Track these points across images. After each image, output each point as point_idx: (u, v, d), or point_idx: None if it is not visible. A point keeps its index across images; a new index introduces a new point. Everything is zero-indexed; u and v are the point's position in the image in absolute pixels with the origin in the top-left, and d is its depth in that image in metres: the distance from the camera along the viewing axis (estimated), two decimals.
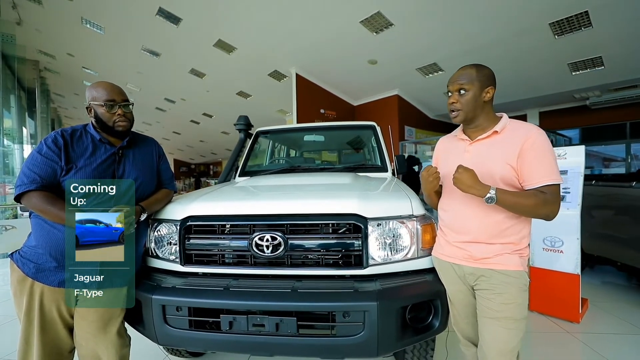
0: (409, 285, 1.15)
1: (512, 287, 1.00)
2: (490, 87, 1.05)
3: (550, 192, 0.95)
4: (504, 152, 1.01)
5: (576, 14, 4.57)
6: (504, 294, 1.00)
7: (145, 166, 1.33)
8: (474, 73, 1.03)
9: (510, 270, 1.00)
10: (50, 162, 1.11)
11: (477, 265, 1.05)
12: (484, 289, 1.04)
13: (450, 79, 1.08)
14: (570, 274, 2.19)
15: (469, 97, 1.04)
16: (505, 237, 1.02)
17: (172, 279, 1.25)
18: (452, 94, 1.08)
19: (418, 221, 1.25)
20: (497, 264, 1.01)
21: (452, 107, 1.09)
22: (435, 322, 1.17)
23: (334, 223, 1.22)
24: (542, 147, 0.97)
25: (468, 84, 1.03)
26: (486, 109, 1.07)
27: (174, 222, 1.30)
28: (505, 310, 0.99)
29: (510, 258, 1.01)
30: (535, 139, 0.98)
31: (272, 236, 1.19)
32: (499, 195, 0.95)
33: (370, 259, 1.20)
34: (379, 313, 1.04)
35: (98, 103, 1.19)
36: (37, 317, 1.12)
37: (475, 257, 1.05)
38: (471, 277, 1.07)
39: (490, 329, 1.02)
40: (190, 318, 1.13)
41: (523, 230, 1.03)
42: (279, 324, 1.07)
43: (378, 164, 2.33)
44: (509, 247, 1.02)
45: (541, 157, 0.97)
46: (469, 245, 1.07)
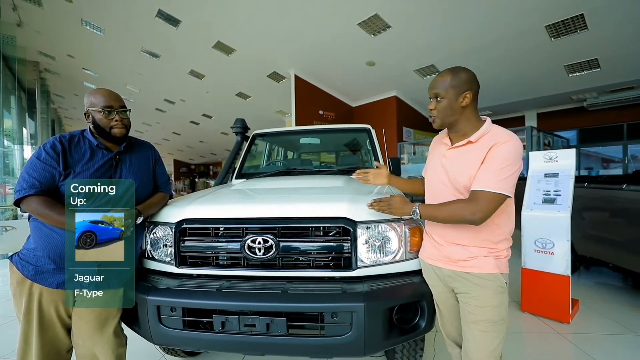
0: (396, 286, 1.19)
1: (487, 290, 1.01)
2: (468, 92, 1.02)
3: (481, 197, 0.95)
4: (471, 162, 1.01)
5: (572, 17, 4.61)
6: (479, 297, 1.01)
7: (142, 170, 1.36)
8: (448, 80, 1.03)
9: (484, 273, 1.02)
10: (48, 167, 1.14)
11: (454, 268, 1.07)
12: (462, 293, 1.07)
13: (429, 84, 1.09)
14: (560, 275, 2.22)
15: (445, 104, 1.05)
16: (481, 240, 1.04)
17: (167, 280, 1.28)
18: (431, 100, 1.10)
19: (406, 224, 1.29)
20: (472, 267, 1.03)
21: (430, 114, 1.11)
22: (421, 322, 1.21)
23: (324, 226, 1.25)
24: (494, 158, 0.96)
25: (443, 92, 1.04)
26: (466, 113, 1.05)
27: (169, 225, 1.34)
28: (481, 314, 1.01)
29: (485, 261, 1.02)
30: (496, 148, 0.97)
31: (264, 239, 1.23)
32: (421, 210, 1.08)
33: (359, 261, 1.23)
34: (366, 314, 1.07)
35: (96, 109, 1.23)
36: (35, 317, 1.15)
37: (452, 259, 1.08)
38: (449, 280, 1.10)
39: (469, 333, 1.04)
40: (184, 318, 1.17)
41: (500, 232, 1.04)
42: (269, 324, 1.11)
43: (373, 166, 2.37)
44: (484, 250, 1.03)
45: (488, 167, 0.96)
46: (446, 247, 1.10)
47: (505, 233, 1.06)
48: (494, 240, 1.04)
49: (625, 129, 7.69)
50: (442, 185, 1.10)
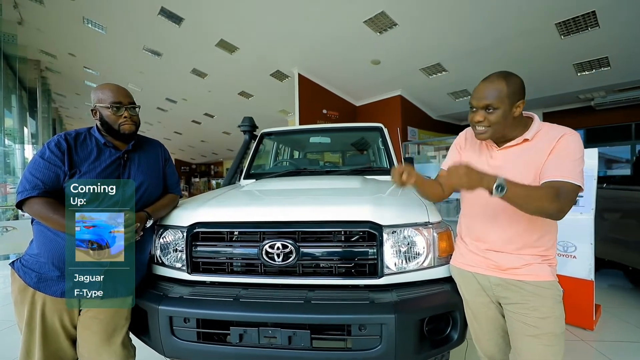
0: (428, 296, 1.10)
1: (547, 299, 0.92)
2: (521, 102, 0.93)
3: (564, 188, 0.85)
4: (536, 160, 0.93)
5: (583, 14, 4.52)
6: (540, 308, 0.92)
7: (152, 170, 1.28)
8: (504, 88, 0.90)
9: (542, 281, 0.93)
10: (53, 166, 1.06)
11: (504, 276, 0.98)
12: (514, 303, 0.97)
13: (475, 93, 0.95)
14: (583, 280, 2.14)
15: (499, 116, 0.92)
16: (532, 246, 0.96)
17: (178, 287, 1.20)
18: (476, 110, 0.96)
19: (434, 228, 1.20)
20: (527, 274, 0.94)
21: (477, 126, 0.97)
22: (453, 334, 1.12)
23: (347, 230, 1.17)
24: (567, 149, 0.89)
25: (496, 102, 0.91)
26: (515, 122, 0.97)
27: (180, 229, 1.26)
28: (544, 326, 0.91)
29: (541, 268, 0.94)
30: (563, 141, 0.90)
31: (283, 244, 1.14)
32: (508, 184, 0.81)
33: (385, 268, 1.15)
34: (397, 326, 0.99)
35: (104, 105, 1.15)
36: (38, 327, 1.07)
37: (501, 267, 0.99)
38: (498, 289, 1.01)
39: (528, 348, 0.94)
40: (199, 330, 1.08)
41: (550, 238, 0.97)
42: (291, 337, 1.03)
43: (385, 166, 2.29)
44: (537, 257, 0.96)
45: (563, 157, 0.89)
46: (493, 254, 1.01)
47: (554, 238, 0.99)
48: (545, 245, 0.97)
49: (634, 128, 7.59)
50: None
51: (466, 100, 8.12)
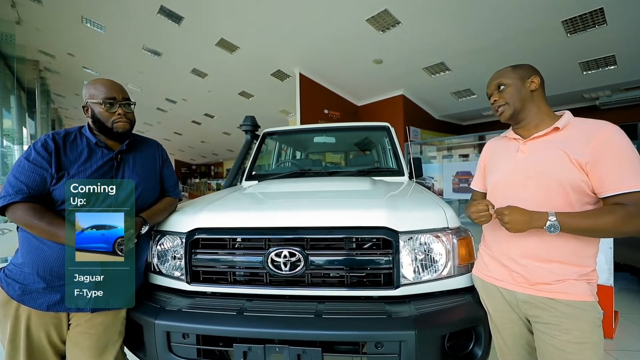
0: (449, 309, 1.01)
1: (583, 322, 0.80)
2: (534, 77, 0.94)
3: (632, 201, 0.75)
4: (569, 150, 0.83)
5: (590, 11, 4.43)
6: (574, 331, 0.80)
7: (147, 172, 1.19)
8: (510, 70, 0.98)
9: (578, 302, 0.82)
10: (39, 169, 0.97)
11: (533, 293, 0.87)
12: (545, 323, 0.85)
13: (489, 81, 1.03)
14: (602, 286, 2.03)
15: (512, 90, 0.95)
16: (567, 258, 0.85)
17: (177, 299, 1.11)
18: (492, 94, 1.01)
19: (454, 234, 1.11)
20: (560, 292, 0.83)
21: (496, 105, 0.99)
22: (477, 350, 1.03)
23: (360, 237, 1.08)
24: (619, 146, 0.79)
25: (506, 79, 0.97)
26: (536, 100, 0.94)
27: (179, 235, 1.17)
28: (577, 352, 0.80)
29: (577, 285, 0.83)
30: (608, 135, 0.80)
31: (290, 252, 1.05)
32: (562, 220, 0.78)
33: (402, 278, 1.06)
34: (418, 343, 0.89)
35: (96, 101, 1.06)
36: (23, 344, 0.98)
37: (530, 281, 0.88)
38: (526, 307, 0.89)
39: None
40: (199, 347, 0.99)
41: (590, 249, 0.85)
42: (300, 355, 0.93)
43: (393, 167, 2.19)
44: (572, 271, 0.84)
45: (618, 157, 0.78)
46: (521, 266, 0.90)
47: (596, 248, 0.86)
48: (583, 255, 0.84)
49: (639, 128, 7.49)
50: (523, 183, 0.91)
51: (469, 100, 8.09)
